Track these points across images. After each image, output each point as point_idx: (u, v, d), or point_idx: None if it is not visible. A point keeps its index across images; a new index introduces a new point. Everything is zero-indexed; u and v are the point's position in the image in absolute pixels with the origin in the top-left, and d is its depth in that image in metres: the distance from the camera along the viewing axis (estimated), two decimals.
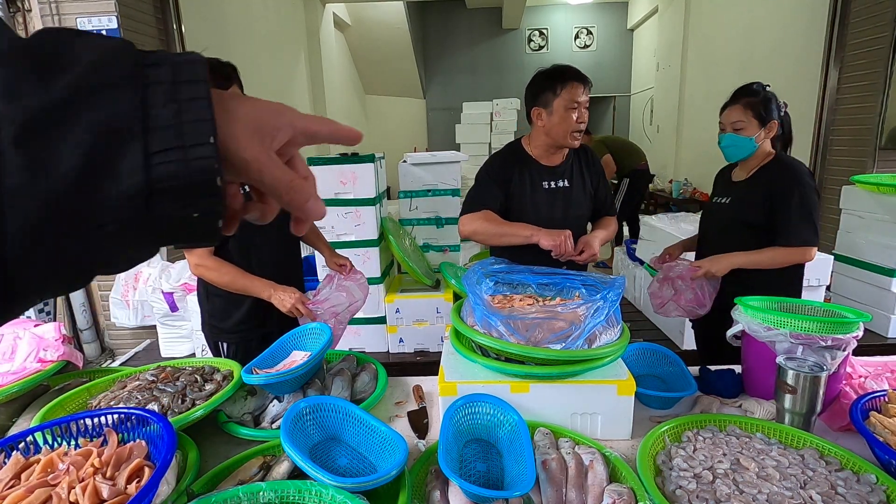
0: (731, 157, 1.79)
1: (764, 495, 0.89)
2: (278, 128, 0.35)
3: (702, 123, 6.60)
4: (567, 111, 1.70)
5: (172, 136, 0.28)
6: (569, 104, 1.69)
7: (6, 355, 1.37)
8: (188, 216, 0.30)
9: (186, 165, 0.28)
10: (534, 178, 1.80)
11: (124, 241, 0.29)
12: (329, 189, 2.72)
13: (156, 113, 0.28)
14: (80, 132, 0.26)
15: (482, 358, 1.20)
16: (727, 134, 1.76)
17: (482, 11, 9.49)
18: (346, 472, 1.02)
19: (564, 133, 1.73)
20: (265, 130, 0.34)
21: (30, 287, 0.27)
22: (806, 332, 1.16)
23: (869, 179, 2.62)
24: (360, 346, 2.92)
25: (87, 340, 3.20)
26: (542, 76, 1.76)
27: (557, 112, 1.71)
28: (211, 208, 0.30)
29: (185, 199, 0.29)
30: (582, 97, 1.71)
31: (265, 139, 0.34)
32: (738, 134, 1.73)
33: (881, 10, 3.04)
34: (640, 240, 3.74)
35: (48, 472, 0.87)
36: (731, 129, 1.74)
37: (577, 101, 1.69)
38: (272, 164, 0.35)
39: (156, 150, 0.28)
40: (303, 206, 0.37)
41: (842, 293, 2.90)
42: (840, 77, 3.37)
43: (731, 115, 1.74)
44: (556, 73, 1.73)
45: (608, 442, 1.12)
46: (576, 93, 1.69)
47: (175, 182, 0.28)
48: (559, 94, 1.70)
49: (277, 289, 1.59)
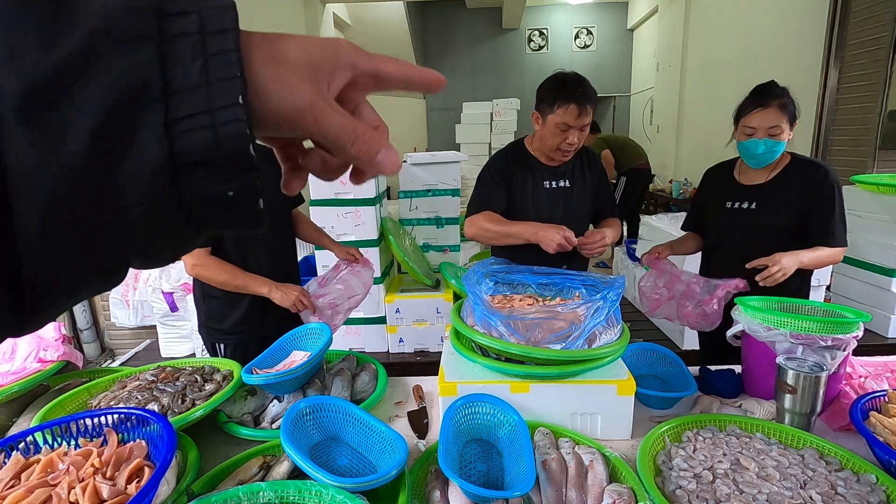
0: (762, 164, 1.65)
1: (764, 495, 0.89)
2: (335, 68, 0.30)
3: (702, 123, 6.60)
4: (557, 129, 1.66)
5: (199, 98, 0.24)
6: (560, 125, 1.65)
7: (6, 355, 1.37)
8: (222, 195, 0.26)
9: (214, 133, 0.24)
10: (535, 177, 1.79)
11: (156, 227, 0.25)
12: (329, 189, 2.72)
13: (181, 72, 0.24)
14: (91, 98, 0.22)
15: (482, 358, 1.20)
16: (764, 140, 1.59)
17: (482, 11, 9.49)
18: (346, 472, 1.02)
19: (552, 147, 1.71)
20: (319, 71, 0.29)
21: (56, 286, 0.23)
22: (806, 332, 1.16)
23: (869, 179, 2.61)
24: (360, 346, 2.92)
25: (87, 340, 3.20)
26: (548, 83, 1.70)
27: (549, 127, 1.68)
28: (246, 184, 0.26)
29: (217, 175, 0.25)
30: (577, 121, 1.63)
31: (320, 82, 0.29)
32: (776, 139, 1.58)
33: (881, 10, 3.03)
34: (640, 239, 3.75)
35: (48, 472, 0.87)
36: (767, 135, 1.58)
37: (569, 123, 1.64)
38: (331, 110, 0.29)
39: (180, 116, 0.24)
40: (373, 160, 0.31)
41: (842, 293, 2.90)
42: (840, 77, 3.37)
43: (766, 120, 1.57)
44: (558, 88, 1.66)
45: (608, 442, 1.12)
46: (570, 116, 1.62)
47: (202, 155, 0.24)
48: (554, 110, 1.65)
49: (277, 285, 1.60)
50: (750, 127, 1.61)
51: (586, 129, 1.67)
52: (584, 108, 1.62)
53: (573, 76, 1.68)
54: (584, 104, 1.61)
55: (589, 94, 1.64)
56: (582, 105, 1.61)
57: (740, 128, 1.65)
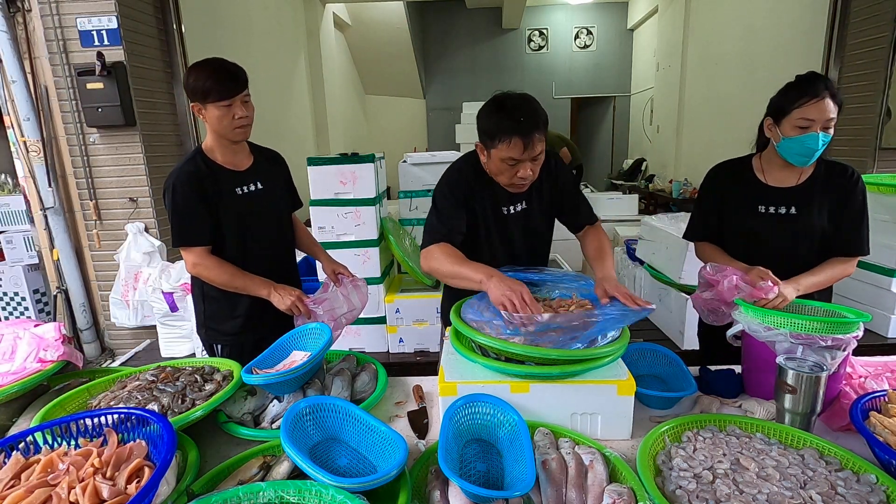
0: (810, 162, 1.50)
1: (764, 495, 0.89)
2: None
3: (702, 123, 6.60)
4: (504, 164, 1.40)
5: None
6: (507, 160, 1.39)
7: (6, 355, 1.37)
8: None
9: None
10: (493, 200, 1.56)
11: None
12: (329, 189, 2.72)
13: None
14: None
15: (482, 358, 1.20)
16: (821, 134, 1.43)
17: (482, 11, 9.48)
18: (346, 472, 1.02)
19: (504, 183, 1.47)
20: None
21: None
22: (806, 332, 1.16)
23: (869, 179, 2.61)
24: (360, 346, 2.92)
25: (87, 340, 3.20)
26: (486, 110, 1.42)
27: (494, 162, 1.42)
28: None
29: None
30: (524, 154, 1.36)
31: None
32: (828, 133, 1.44)
33: (881, 10, 3.03)
34: (640, 239, 3.74)
35: (48, 472, 0.87)
36: (822, 128, 1.43)
37: (515, 158, 1.37)
38: None
39: None
40: None
41: (842, 293, 2.89)
42: (840, 77, 3.36)
43: (825, 111, 1.41)
44: (499, 118, 1.37)
45: (608, 442, 1.12)
46: (515, 150, 1.36)
47: None
48: (497, 146, 1.38)
49: (276, 287, 1.59)
50: (808, 119, 1.43)
51: (540, 157, 1.41)
52: (531, 139, 1.34)
53: (516, 100, 1.39)
54: (529, 135, 1.34)
55: (534, 120, 1.36)
56: (527, 137, 1.34)
57: (790, 121, 1.46)
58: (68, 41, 2.80)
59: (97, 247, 3.07)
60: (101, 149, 2.95)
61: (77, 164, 2.95)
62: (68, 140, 2.94)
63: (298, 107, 6.44)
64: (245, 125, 1.58)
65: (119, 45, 2.80)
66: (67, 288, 3.12)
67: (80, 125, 2.88)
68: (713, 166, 1.75)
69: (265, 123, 5.25)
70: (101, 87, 2.78)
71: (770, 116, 1.53)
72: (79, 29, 2.78)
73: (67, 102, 2.85)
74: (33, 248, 3.21)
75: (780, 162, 1.56)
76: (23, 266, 3.22)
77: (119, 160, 2.96)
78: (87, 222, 3.05)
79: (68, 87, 2.83)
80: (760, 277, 1.36)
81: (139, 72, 2.93)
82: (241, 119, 1.56)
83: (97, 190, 3.00)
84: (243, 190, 1.65)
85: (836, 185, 1.55)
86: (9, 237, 3.19)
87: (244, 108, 1.56)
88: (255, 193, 1.66)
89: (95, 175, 2.98)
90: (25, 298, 3.26)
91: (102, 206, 3.02)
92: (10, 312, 3.29)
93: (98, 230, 3.04)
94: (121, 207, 3.02)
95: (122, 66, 2.82)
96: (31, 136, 2.86)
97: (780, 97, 1.50)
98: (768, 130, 1.54)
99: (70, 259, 3.07)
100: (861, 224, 1.56)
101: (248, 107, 1.58)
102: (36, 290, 3.28)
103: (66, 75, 2.81)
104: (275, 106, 5.62)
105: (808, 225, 1.55)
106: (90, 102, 2.80)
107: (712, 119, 6.26)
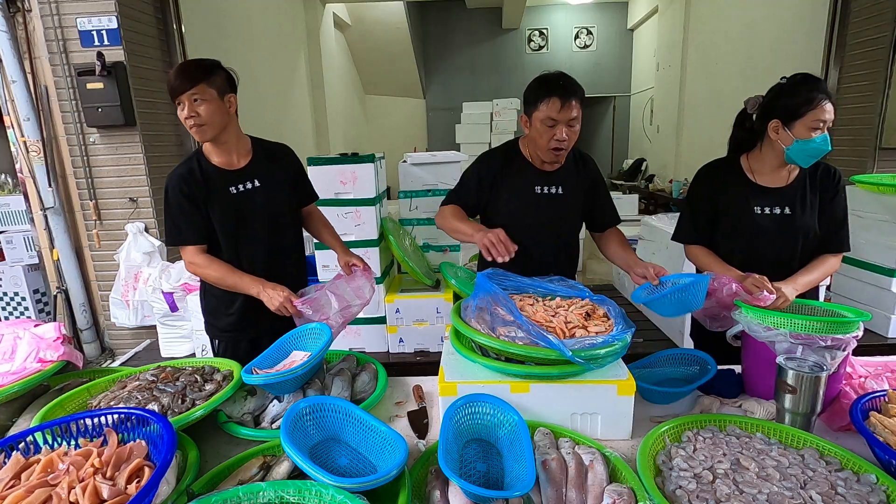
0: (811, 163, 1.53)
1: (764, 495, 0.89)
2: None
3: (702, 123, 6.59)
4: (544, 126, 1.60)
5: None
6: (546, 120, 1.59)
7: (6, 355, 1.37)
8: None
9: None
10: (525, 181, 1.74)
11: None
12: (329, 189, 2.71)
13: None
14: None
15: (482, 358, 1.20)
16: (824, 135, 1.46)
17: (482, 11, 9.48)
18: (346, 472, 1.02)
19: (542, 148, 1.64)
20: None
21: None
22: (806, 332, 1.16)
23: (869, 179, 2.61)
24: (360, 346, 2.92)
25: (87, 340, 3.20)
26: (532, 84, 1.66)
27: (535, 126, 1.63)
28: None
29: None
30: (560, 114, 1.57)
31: None
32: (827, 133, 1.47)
33: (881, 10, 3.03)
34: (640, 239, 3.74)
35: (48, 472, 0.87)
36: (825, 129, 1.46)
37: (553, 117, 1.57)
38: None
39: None
40: None
41: (842, 293, 2.90)
42: (840, 77, 3.36)
43: (831, 112, 1.45)
44: (539, 84, 1.62)
45: (608, 442, 1.12)
46: (553, 109, 1.57)
47: None
48: (538, 107, 1.60)
49: (266, 286, 1.56)
50: (822, 120, 1.43)
51: (575, 124, 1.60)
52: (568, 100, 1.56)
53: (555, 73, 1.64)
54: (566, 97, 1.56)
55: (571, 87, 1.59)
56: (565, 98, 1.56)
57: (805, 122, 1.44)
58: (68, 41, 2.80)
59: (97, 247, 3.07)
60: (101, 149, 2.95)
61: (77, 164, 2.95)
62: (68, 140, 2.94)
63: (298, 107, 6.44)
64: (193, 125, 1.51)
65: (119, 45, 2.80)
66: (67, 288, 3.12)
67: (80, 125, 2.88)
68: (701, 167, 1.74)
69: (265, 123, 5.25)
70: (101, 87, 2.78)
71: (779, 119, 1.49)
72: (79, 29, 2.78)
73: (67, 102, 2.85)
74: (33, 248, 3.21)
75: (774, 162, 1.56)
76: (23, 266, 3.22)
77: (119, 160, 2.96)
78: (87, 222, 3.05)
79: (68, 87, 2.83)
80: (756, 286, 1.36)
81: (139, 72, 2.93)
82: (188, 119, 1.50)
83: (97, 190, 3.00)
84: (238, 188, 1.63)
85: (822, 185, 1.58)
86: (9, 237, 3.19)
87: (192, 106, 1.48)
88: (250, 191, 1.65)
89: (95, 175, 2.98)
90: (25, 298, 3.26)
91: (102, 206, 3.02)
92: (10, 312, 3.29)
93: (98, 230, 3.04)
94: (121, 207, 3.02)
95: (122, 66, 2.82)
96: (31, 136, 2.86)
97: (788, 99, 1.47)
98: (774, 133, 1.51)
99: (70, 259, 3.07)
100: (846, 221, 1.59)
101: (203, 106, 1.49)
102: (36, 290, 3.28)
103: (66, 75, 2.81)
104: (275, 106, 5.62)
105: (803, 224, 1.56)
106: (90, 102, 2.80)
107: (712, 119, 6.26)
